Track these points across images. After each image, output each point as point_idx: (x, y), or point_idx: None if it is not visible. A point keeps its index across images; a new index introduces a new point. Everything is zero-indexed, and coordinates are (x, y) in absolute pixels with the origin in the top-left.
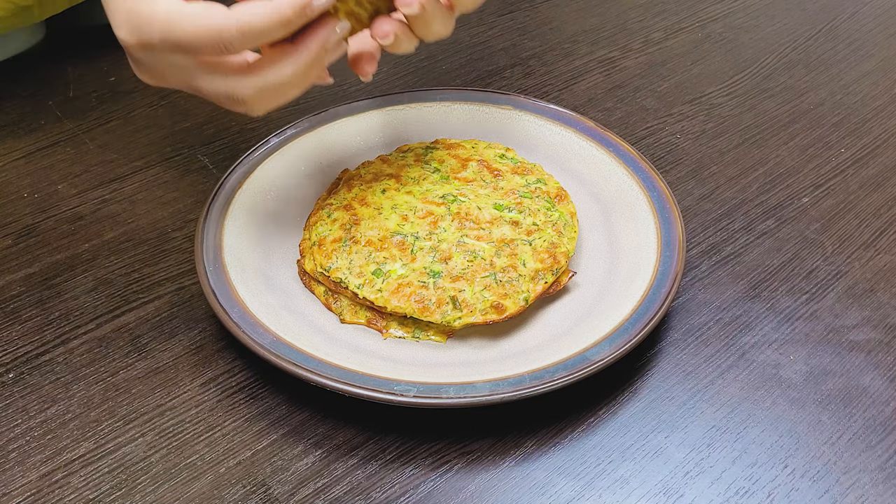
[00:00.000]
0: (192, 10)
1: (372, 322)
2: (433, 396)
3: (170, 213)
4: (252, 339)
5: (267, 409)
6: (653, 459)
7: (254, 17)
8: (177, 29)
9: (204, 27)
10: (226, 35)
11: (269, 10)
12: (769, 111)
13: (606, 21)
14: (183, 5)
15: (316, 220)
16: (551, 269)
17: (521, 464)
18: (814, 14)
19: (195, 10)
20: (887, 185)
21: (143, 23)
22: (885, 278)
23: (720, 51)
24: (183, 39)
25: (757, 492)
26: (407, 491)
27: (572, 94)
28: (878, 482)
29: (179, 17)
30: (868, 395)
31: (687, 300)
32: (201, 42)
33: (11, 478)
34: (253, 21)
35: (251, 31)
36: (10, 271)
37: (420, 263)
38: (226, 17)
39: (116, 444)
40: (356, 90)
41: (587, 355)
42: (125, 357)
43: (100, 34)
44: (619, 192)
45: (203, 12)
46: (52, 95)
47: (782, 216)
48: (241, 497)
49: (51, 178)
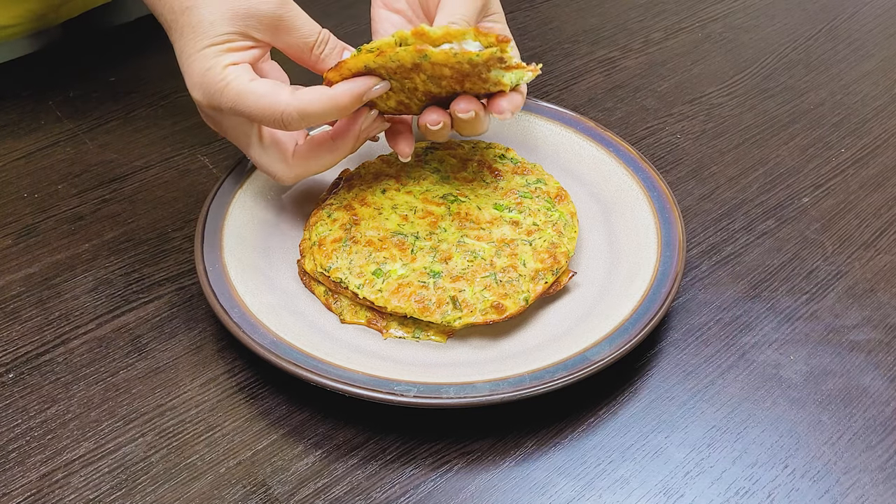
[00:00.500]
0: (260, 89)
1: (372, 322)
2: (433, 396)
3: (170, 213)
4: (252, 340)
5: (267, 409)
6: (653, 459)
7: (313, 103)
8: (244, 103)
9: (269, 106)
10: (286, 117)
11: (327, 98)
12: (769, 111)
13: (606, 21)
14: (251, 83)
15: (316, 220)
16: (551, 269)
17: (521, 464)
18: (814, 14)
19: (262, 90)
20: (887, 185)
21: (215, 91)
22: (885, 278)
23: (720, 51)
24: (248, 113)
25: (757, 492)
26: (407, 491)
27: (572, 94)
28: (878, 482)
29: (247, 94)
30: (868, 395)
31: (687, 300)
32: (264, 118)
33: (11, 478)
34: (312, 107)
35: (310, 116)
36: (10, 271)
37: (420, 263)
38: (288, 102)
39: (116, 444)
40: None
41: (587, 355)
42: (125, 357)
43: (101, 34)
44: (619, 192)
45: (269, 92)
46: (52, 95)
47: (782, 216)
48: (241, 497)
49: (51, 178)
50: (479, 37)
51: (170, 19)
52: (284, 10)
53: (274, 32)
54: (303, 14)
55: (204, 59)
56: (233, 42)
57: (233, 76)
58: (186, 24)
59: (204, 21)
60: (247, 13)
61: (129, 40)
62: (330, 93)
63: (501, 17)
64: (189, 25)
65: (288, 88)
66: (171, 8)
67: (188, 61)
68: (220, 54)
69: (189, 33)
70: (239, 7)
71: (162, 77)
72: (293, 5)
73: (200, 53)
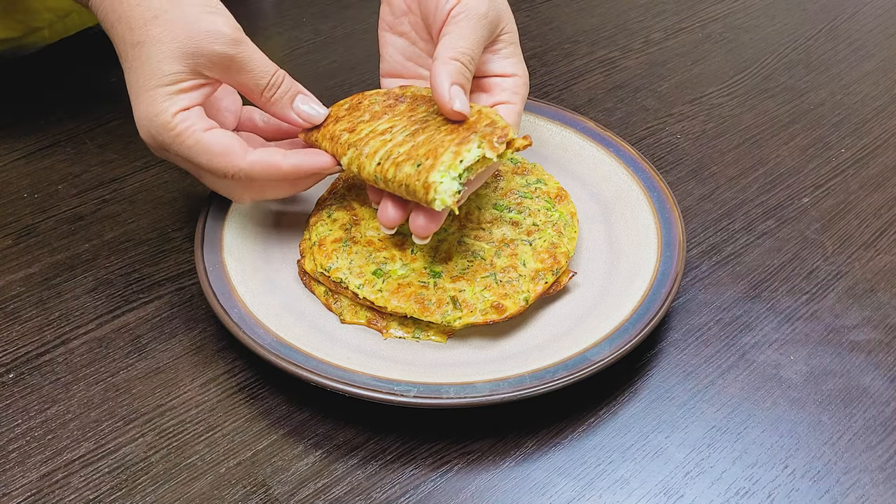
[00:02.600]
0: (215, 146)
1: (372, 322)
2: (433, 396)
3: (170, 213)
4: (252, 340)
5: (267, 409)
6: (653, 460)
7: (262, 171)
8: (196, 157)
9: (222, 167)
10: (235, 177)
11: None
12: (769, 111)
13: (606, 21)
14: (205, 134)
15: (316, 220)
16: (551, 269)
17: (521, 464)
18: (814, 14)
19: (217, 149)
20: (887, 185)
21: (165, 138)
22: (885, 278)
23: (720, 51)
24: (199, 165)
25: (757, 492)
26: (407, 491)
27: (572, 94)
28: (878, 482)
29: (201, 150)
30: (868, 395)
31: (687, 300)
32: (215, 170)
33: (12, 478)
34: (261, 174)
35: (258, 181)
36: (10, 271)
37: (420, 263)
38: (239, 165)
39: (116, 444)
40: (357, 90)
41: (587, 355)
42: (125, 357)
43: (101, 35)
44: (619, 192)
45: (224, 152)
46: (52, 95)
47: (782, 216)
48: (241, 497)
49: (51, 178)
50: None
51: (120, 49)
52: (237, 49)
53: (225, 71)
54: (257, 54)
55: (152, 101)
56: (182, 82)
57: (184, 126)
58: (136, 59)
59: (153, 59)
60: (197, 51)
61: None
62: (281, 169)
63: (514, 38)
64: (138, 60)
65: (242, 149)
66: (123, 39)
67: (136, 99)
68: (168, 97)
69: (138, 69)
70: (189, 46)
71: None
72: (248, 45)
73: (148, 94)
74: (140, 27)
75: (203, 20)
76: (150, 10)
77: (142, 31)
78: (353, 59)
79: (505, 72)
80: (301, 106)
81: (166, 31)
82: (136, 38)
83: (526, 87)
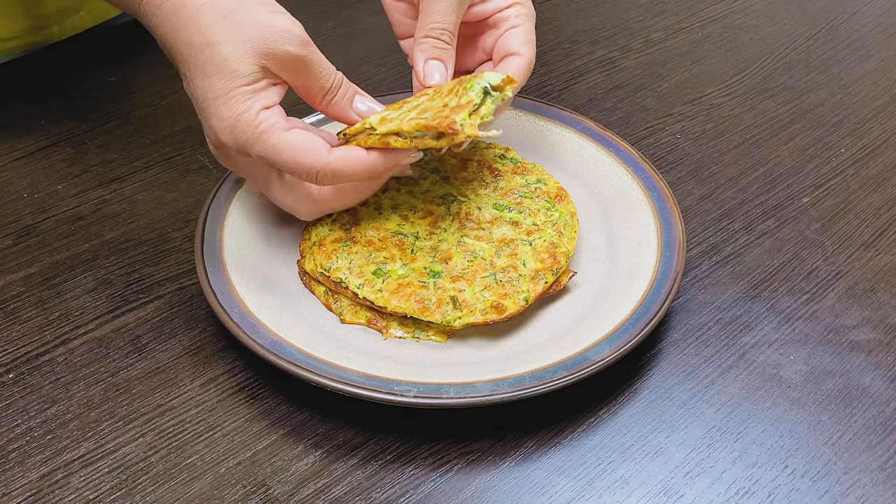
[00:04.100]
0: (300, 144)
1: (372, 322)
2: (433, 396)
3: (170, 213)
4: (252, 340)
5: (267, 409)
6: (653, 459)
7: (349, 165)
8: (281, 156)
9: (307, 164)
10: (321, 174)
11: (365, 165)
12: (769, 111)
13: (606, 21)
14: (288, 133)
15: (316, 220)
16: (551, 269)
17: (521, 464)
18: (814, 14)
19: (302, 146)
20: (887, 185)
21: (248, 137)
22: (885, 278)
23: (720, 51)
24: (281, 163)
25: (757, 492)
26: (407, 491)
27: (572, 94)
28: (878, 482)
29: (286, 147)
30: (868, 395)
31: (687, 300)
32: (297, 171)
33: (11, 478)
34: (347, 169)
35: (343, 176)
36: (10, 271)
37: (420, 263)
38: (326, 160)
39: (116, 444)
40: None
41: (587, 355)
42: (125, 357)
43: (100, 35)
44: (619, 192)
45: (309, 149)
46: (52, 95)
47: (782, 216)
48: (241, 497)
49: (51, 178)
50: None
51: (186, 53)
52: (307, 51)
53: (294, 72)
54: (322, 57)
55: (235, 101)
56: (260, 81)
57: (268, 123)
58: (209, 62)
59: (230, 59)
60: (270, 52)
61: (129, 40)
62: (368, 159)
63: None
64: (212, 63)
65: (325, 146)
66: (189, 42)
67: (214, 103)
68: (251, 95)
69: (213, 72)
70: (262, 46)
71: (162, 77)
72: (314, 47)
73: (230, 95)
74: (209, 28)
75: (275, 20)
76: (219, 11)
77: (212, 32)
78: (352, 59)
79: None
80: (360, 106)
81: (239, 31)
82: (206, 40)
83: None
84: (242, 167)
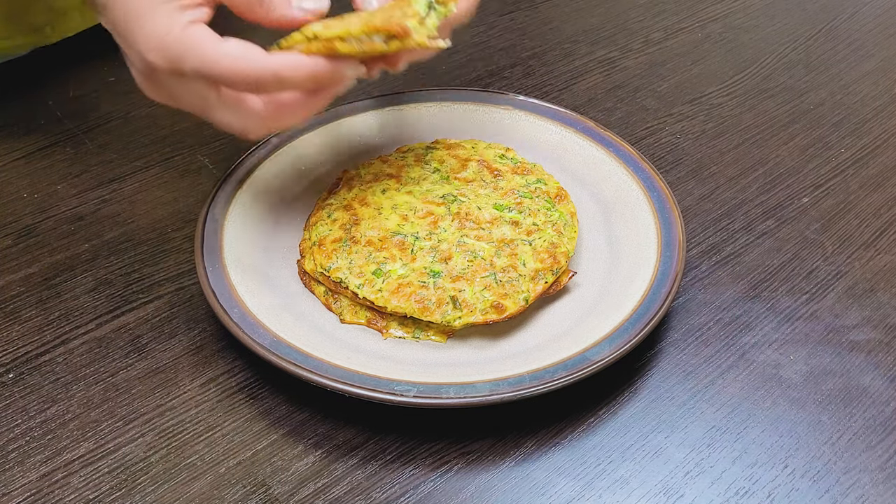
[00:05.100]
0: (231, 49)
1: (372, 322)
2: (433, 396)
3: (170, 213)
4: (252, 339)
5: (267, 409)
6: (653, 459)
7: (292, 68)
8: (216, 66)
9: (242, 69)
10: (262, 80)
11: (307, 66)
12: (769, 111)
13: (606, 21)
14: (221, 42)
15: (316, 220)
16: (551, 269)
17: (521, 464)
18: (814, 14)
19: (234, 51)
20: (887, 185)
21: (178, 52)
22: (885, 278)
23: (720, 51)
24: (218, 74)
25: (757, 492)
26: (407, 491)
27: (572, 94)
28: (878, 482)
29: (220, 56)
30: (868, 395)
31: (687, 300)
32: (236, 80)
33: (11, 478)
34: (290, 73)
35: (286, 81)
36: (10, 271)
37: (420, 263)
38: (265, 64)
39: (116, 444)
40: (356, 90)
41: (587, 355)
42: (125, 357)
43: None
44: (619, 192)
45: (243, 54)
46: (52, 95)
47: (782, 216)
48: (241, 497)
49: (50, 178)
50: None
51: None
52: None
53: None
54: None
55: (161, 16)
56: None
57: (198, 36)
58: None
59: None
60: None
61: None
62: (312, 62)
63: None
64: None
65: (264, 51)
66: None
67: (138, 22)
68: (177, 11)
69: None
70: None
71: None
72: None
73: (156, 11)
74: None
75: None
76: None
77: None
78: None
79: None
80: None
81: None
82: None
83: None
84: (178, 92)
